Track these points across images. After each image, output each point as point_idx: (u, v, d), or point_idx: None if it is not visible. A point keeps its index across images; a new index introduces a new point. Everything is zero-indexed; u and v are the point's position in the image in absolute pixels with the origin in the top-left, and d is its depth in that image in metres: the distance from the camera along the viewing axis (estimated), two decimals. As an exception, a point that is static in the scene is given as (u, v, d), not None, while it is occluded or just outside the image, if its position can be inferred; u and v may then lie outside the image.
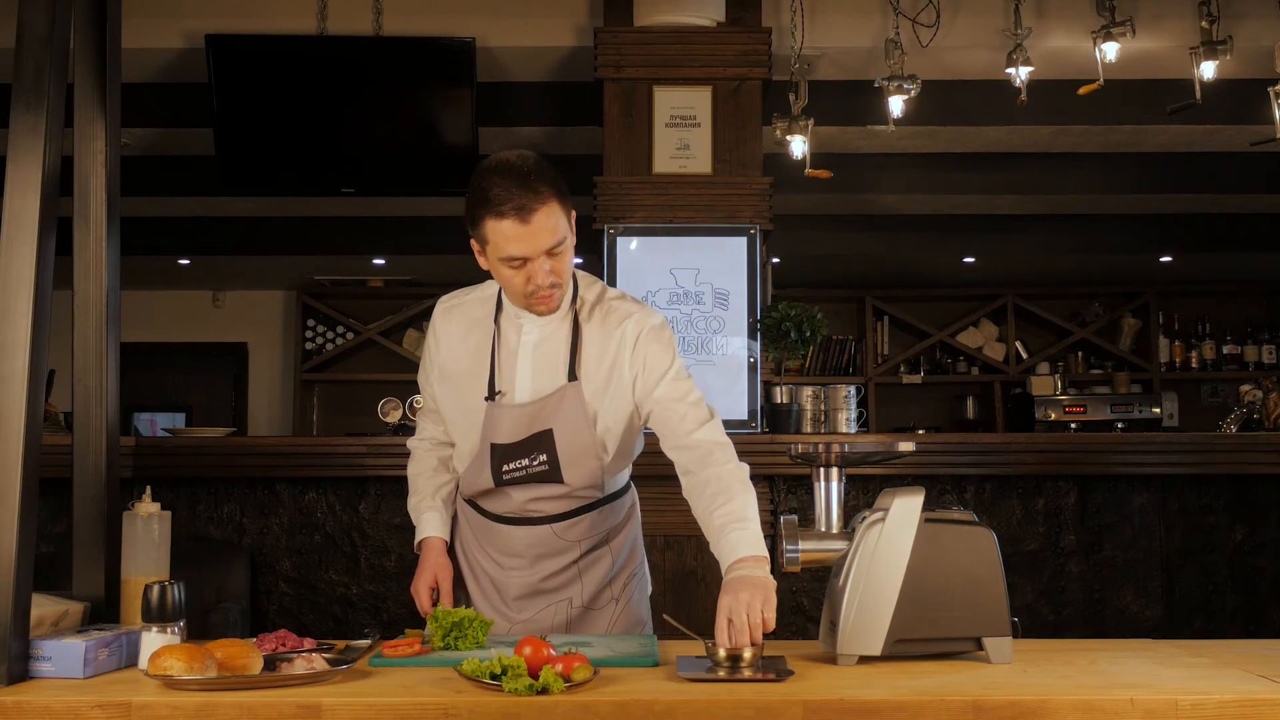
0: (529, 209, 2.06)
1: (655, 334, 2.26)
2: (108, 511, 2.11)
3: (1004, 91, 4.60)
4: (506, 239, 2.08)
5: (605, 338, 2.25)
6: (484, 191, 2.09)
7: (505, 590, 2.33)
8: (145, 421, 8.68)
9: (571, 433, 2.22)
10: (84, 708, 1.65)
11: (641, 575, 2.45)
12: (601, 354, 2.24)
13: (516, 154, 2.14)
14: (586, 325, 2.26)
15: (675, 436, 2.21)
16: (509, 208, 2.06)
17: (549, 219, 2.09)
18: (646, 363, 2.24)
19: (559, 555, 2.30)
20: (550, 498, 2.27)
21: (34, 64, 1.90)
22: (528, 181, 2.07)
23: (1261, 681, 1.77)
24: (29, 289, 1.84)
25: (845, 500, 2.06)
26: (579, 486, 2.26)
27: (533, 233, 2.08)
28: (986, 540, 1.98)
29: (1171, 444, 4.11)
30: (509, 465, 2.24)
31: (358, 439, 4.22)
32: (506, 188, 2.06)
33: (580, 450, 2.23)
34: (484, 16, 4.82)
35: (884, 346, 8.46)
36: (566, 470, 2.23)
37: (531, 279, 2.12)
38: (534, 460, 2.23)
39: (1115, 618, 4.02)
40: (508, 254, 2.10)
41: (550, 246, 2.11)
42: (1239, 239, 7.05)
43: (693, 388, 2.28)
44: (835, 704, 1.67)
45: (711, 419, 2.24)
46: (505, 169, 2.09)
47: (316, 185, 5.31)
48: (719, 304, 4.29)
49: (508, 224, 2.07)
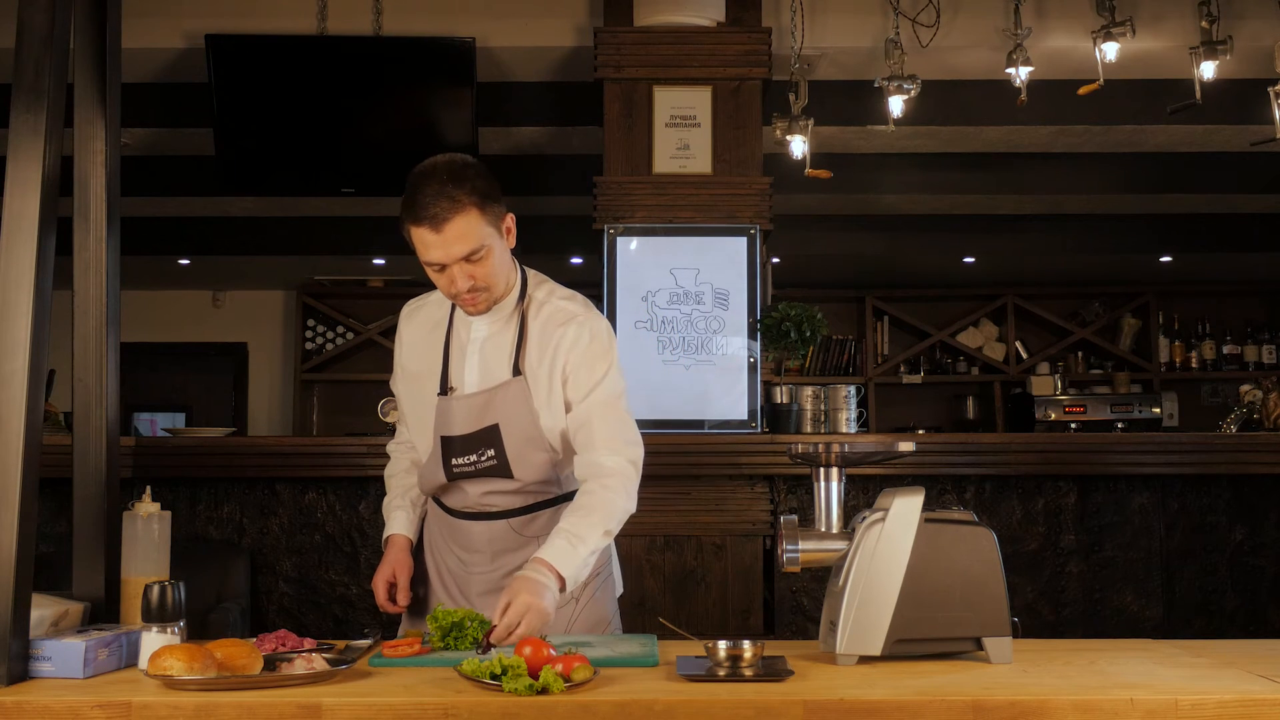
0: (442, 218, 2.11)
1: (590, 344, 2.27)
2: (108, 511, 2.11)
3: (1004, 91, 4.60)
4: (425, 245, 2.15)
5: (545, 338, 2.28)
6: (409, 197, 2.15)
7: (468, 587, 2.35)
8: (145, 421, 8.68)
9: (517, 428, 2.25)
10: (84, 708, 1.65)
11: (607, 575, 2.44)
12: (541, 353, 2.27)
13: (446, 159, 2.19)
14: (532, 323, 2.30)
15: (582, 451, 2.24)
16: (424, 215, 2.12)
17: (465, 228, 2.13)
18: (578, 372, 2.26)
19: (518, 551, 2.32)
20: (504, 492, 2.31)
21: (34, 64, 1.90)
22: (447, 190, 2.11)
23: (1261, 681, 1.77)
24: (29, 289, 1.84)
25: (845, 500, 2.06)
26: (530, 482, 2.29)
27: (446, 241, 2.13)
28: (986, 540, 1.98)
29: (1171, 444, 4.11)
30: (458, 460, 2.28)
31: (358, 439, 4.22)
32: (427, 195, 2.12)
33: (527, 444, 2.26)
34: (484, 16, 4.82)
35: (884, 346, 8.46)
36: (515, 465, 2.27)
37: (452, 283, 2.19)
38: (482, 456, 2.27)
39: (1115, 618, 4.02)
40: (426, 259, 2.18)
41: (466, 254, 2.15)
42: (1239, 239, 7.05)
43: (618, 410, 2.28)
44: (835, 704, 1.67)
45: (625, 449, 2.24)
46: (430, 175, 2.14)
47: (316, 185, 5.32)
48: (719, 304, 4.29)
49: (424, 231, 2.13)
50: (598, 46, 4.43)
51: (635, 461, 2.27)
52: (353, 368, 8.37)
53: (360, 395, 8.04)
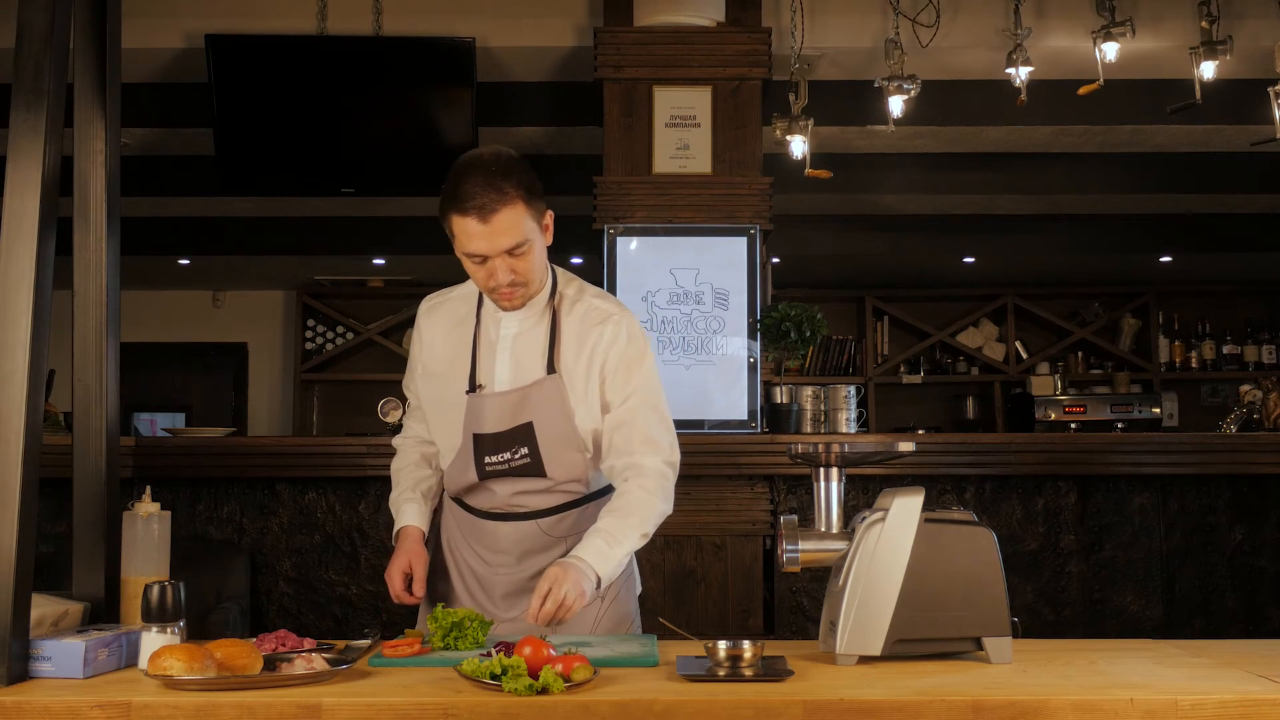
0: (490, 209, 2.11)
1: (629, 345, 2.27)
2: (108, 511, 2.10)
3: (1004, 91, 4.60)
4: (469, 235, 2.14)
5: (582, 335, 2.27)
6: (453, 186, 2.14)
7: (492, 588, 2.34)
8: (145, 421, 8.68)
9: (552, 425, 2.24)
10: (84, 708, 1.65)
11: (629, 574, 2.45)
12: (579, 350, 2.26)
13: (492, 151, 2.19)
14: (565, 320, 2.29)
15: (619, 452, 2.24)
16: (472, 206, 2.11)
17: (511, 220, 2.13)
18: (616, 373, 2.26)
19: (545, 552, 2.31)
20: (534, 492, 2.29)
21: (34, 64, 1.90)
22: (495, 181, 2.12)
23: (1261, 681, 1.77)
24: (29, 289, 1.84)
25: (845, 500, 2.06)
26: (562, 480, 2.28)
27: (493, 232, 2.12)
28: (986, 540, 1.98)
29: (1171, 444, 4.11)
30: (491, 458, 2.26)
31: (358, 439, 4.22)
32: (474, 185, 2.11)
33: (561, 443, 2.25)
34: (484, 16, 4.82)
35: (884, 346, 8.46)
36: (549, 464, 2.25)
37: (492, 276, 2.17)
38: (515, 454, 2.25)
39: (1115, 618, 4.02)
40: (469, 250, 2.16)
41: (510, 247, 2.15)
42: (1239, 239, 7.05)
43: (658, 411, 2.28)
44: (835, 704, 1.67)
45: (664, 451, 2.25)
46: (477, 166, 2.15)
47: (316, 185, 5.32)
48: (719, 304, 4.29)
49: (470, 221, 2.12)
50: (598, 46, 4.43)
51: (674, 464, 2.28)
52: (353, 368, 8.37)
53: (360, 395, 8.04)
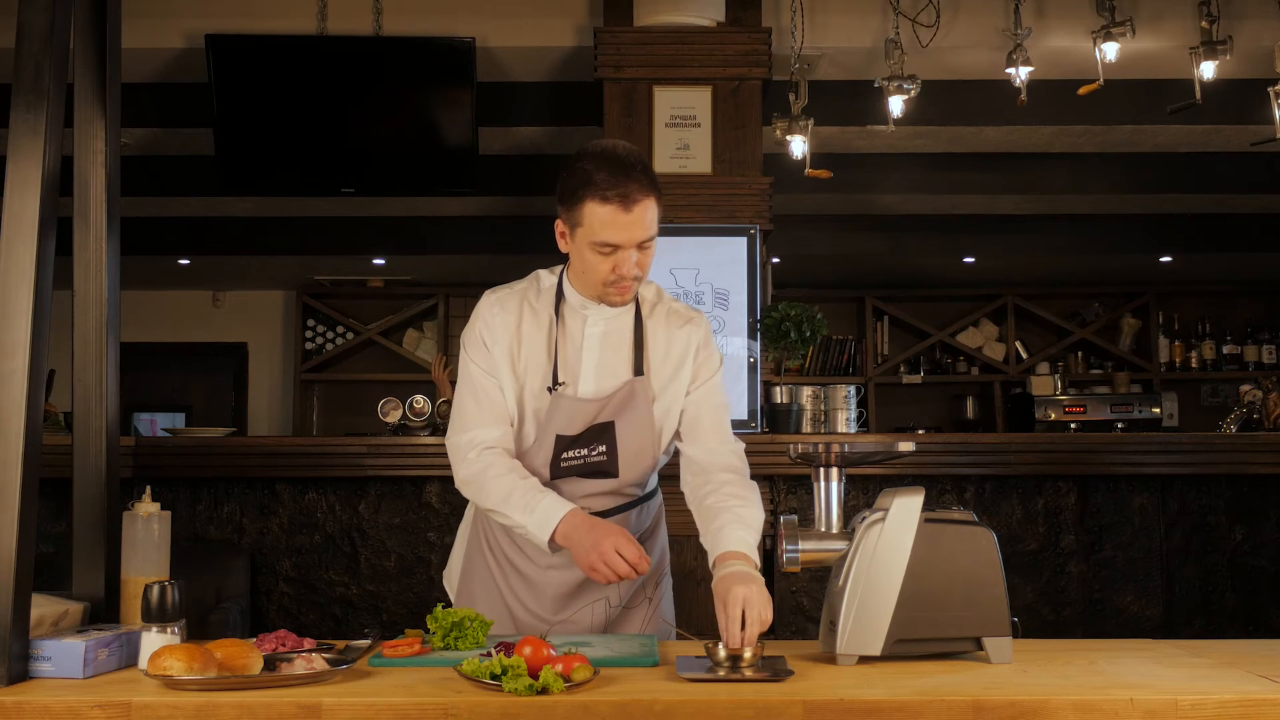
0: (633, 199, 2.10)
1: (709, 340, 2.33)
2: (108, 511, 2.10)
3: (1004, 91, 4.60)
4: (604, 224, 2.11)
5: (670, 337, 2.28)
6: (589, 174, 2.11)
7: (542, 591, 2.30)
8: (145, 421, 8.68)
9: (633, 427, 2.23)
10: (84, 708, 1.65)
11: (668, 577, 2.46)
12: (667, 352, 2.27)
13: (623, 145, 2.18)
14: (650, 321, 2.29)
15: (705, 439, 2.27)
16: (614, 193, 2.09)
17: (647, 213, 2.13)
18: (703, 369, 2.29)
19: None
20: (601, 494, 2.27)
21: (34, 64, 1.90)
22: (633, 173, 2.11)
23: (1261, 681, 1.77)
24: (29, 289, 1.84)
25: (845, 500, 2.06)
26: (628, 483, 2.28)
27: (632, 222, 2.11)
28: (986, 540, 1.98)
29: (1171, 444, 4.11)
30: (569, 453, 2.24)
31: (358, 439, 4.22)
32: (614, 173, 2.09)
33: (639, 445, 2.25)
34: (484, 16, 4.82)
35: (884, 346, 8.46)
36: (623, 465, 2.24)
37: (617, 268, 2.15)
38: (593, 450, 2.23)
39: (1115, 618, 4.02)
40: (601, 239, 2.12)
41: (643, 240, 2.14)
42: (1239, 239, 7.04)
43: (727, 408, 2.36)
44: (835, 704, 1.67)
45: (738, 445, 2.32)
46: (614, 156, 2.12)
47: (316, 185, 5.31)
48: (719, 304, 4.29)
49: (610, 209, 2.10)
50: (598, 46, 4.43)
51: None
52: (353, 368, 8.37)
53: (360, 395, 8.05)
